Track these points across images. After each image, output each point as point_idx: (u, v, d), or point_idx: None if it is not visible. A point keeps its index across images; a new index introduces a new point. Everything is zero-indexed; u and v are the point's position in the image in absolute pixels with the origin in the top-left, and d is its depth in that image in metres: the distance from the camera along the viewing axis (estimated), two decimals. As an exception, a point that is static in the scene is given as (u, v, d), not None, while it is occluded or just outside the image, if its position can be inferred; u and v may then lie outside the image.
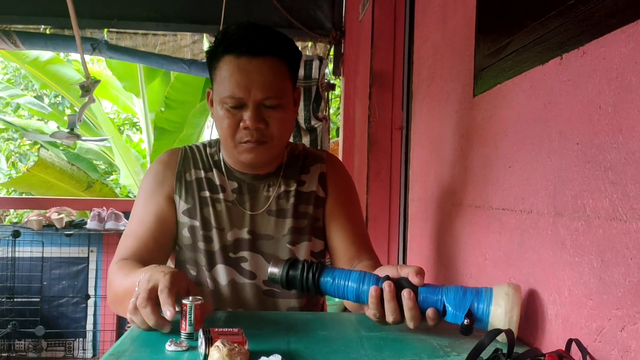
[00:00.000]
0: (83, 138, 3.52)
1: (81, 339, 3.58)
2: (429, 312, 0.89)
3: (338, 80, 3.40)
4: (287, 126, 1.20)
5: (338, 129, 3.66)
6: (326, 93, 3.09)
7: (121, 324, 3.58)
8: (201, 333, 0.79)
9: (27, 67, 5.52)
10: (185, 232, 1.23)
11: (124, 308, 1.05)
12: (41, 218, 3.41)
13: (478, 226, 1.20)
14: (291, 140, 1.35)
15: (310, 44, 3.14)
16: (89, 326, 3.58)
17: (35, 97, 7.73)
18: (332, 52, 3.21)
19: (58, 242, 3.51)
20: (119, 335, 3.50)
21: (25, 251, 3.48)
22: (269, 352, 0.78)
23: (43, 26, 2.98)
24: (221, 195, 1.24)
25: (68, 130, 2.99)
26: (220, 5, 2.71)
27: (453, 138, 1.39)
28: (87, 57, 3.00)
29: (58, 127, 6.64)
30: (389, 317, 0.90)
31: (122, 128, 8.79)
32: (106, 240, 3.58)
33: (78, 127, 3.06)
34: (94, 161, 6.81)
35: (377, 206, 2.36)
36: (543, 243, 0.90)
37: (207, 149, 1.30)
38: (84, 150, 6.35)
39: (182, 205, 1.23)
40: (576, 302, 0.80)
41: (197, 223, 1.22)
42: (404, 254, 2.13)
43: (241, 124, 1.13)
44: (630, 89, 0.69)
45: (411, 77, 1.93)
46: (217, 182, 1.25)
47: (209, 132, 5.63)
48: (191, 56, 3.10)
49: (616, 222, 0.71)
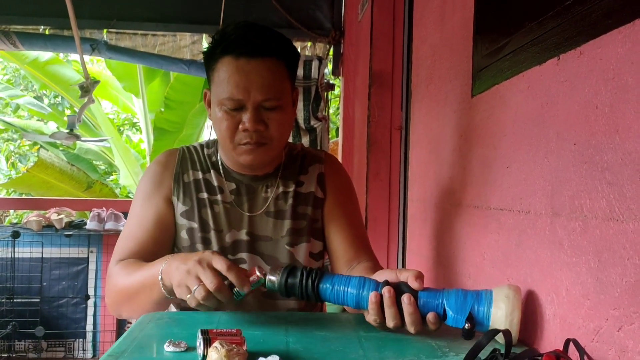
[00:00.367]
0: (83, 138, 3.52)
1: (81, 340, 3.57)
2: (430, 317, 0.89)
3: (337, 80, 3.40)
4: (286, 127, 1.19)
5: (337, 129, 3.66)
6: (325, 93, 3.10)
7: (121, 325, 3.57)
8: (199, 334, 0.79)
9: (27, 68, 5.53)
10: (183, 234, 1.22)
11: (139, 301, 1.05)
12: (41, 219, 3.41)
13: (476, 226, 1.20)
14: (290, 140, 1.34)
15: (309, 44, 3.14)
16: (89, 327, 3.57)
17: (34, 98, 7.73)
18: (332, 52, 3.21)
19: (58, 243, 3.50)
20: (119, 335, 3.50)
21: (25, 252, 3.48)
22: (268, 353, 0.78)
23: (42, 27, 2.98)
24: (219, 196, 1.23)
25: (68, 130, 2.99)
26: (219, 5, 2.71)
27: (452, 138, 1.39)
28: (87, 58, 3.00)
29: (58, 128, 6.63)
30: (390, 323, 0.90)
31: (122, 128, 8.79)
32: (106, 240, 3.58)
33: (77, 128, 3.06)
34: (94, 162, 6.81)
35: (377, 206, 2.36)
36: (541, 243, 0.90)
37: (205, 150, 1.29)
38: (84, 150, 6.35)
39: (180, 207, 1.23)
40: (574, 302, 0.80)
41: (195, 225, 1.21)
42: (403, 254, 2.13)
43: (240, 126, 1.12)
44: (626, 90, 0.69)
45: (410, 77, 1.93)
46: (215, 184, 1.24)
47: (209, 133, 5.62)
48: (190, 56, 3.10)
49: (613, 223, 0.71)
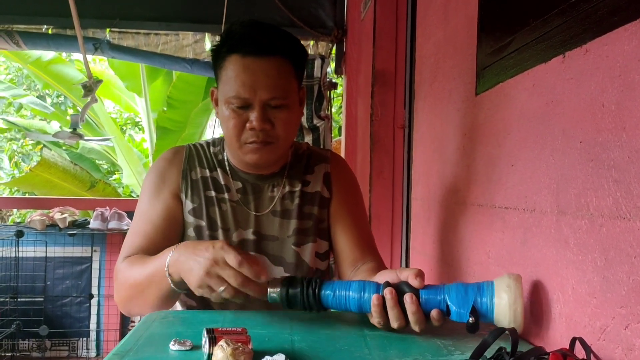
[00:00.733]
0: (85, 138, 3.51)
1: (85, 339, 3.58)
2: (433, 314, 0.88)
3: (340, 79, 3.40)
4: (293, 126, 1.19)
5: (340, 128, 3.66)
6: (328, 92, 3.09)
7: (124, 324, 3.58)
8: (205, 332, 0.79)
9: (30, 67, 5.53)
10: (190, 232, 1.21)
11: (148, 296, 1.04)
12: (44, 218, 3.42)
13: (481, 225, 1.20)
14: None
15: (312, 43, 3.14)
16: (93, 325, 3.58)
17: (37, 97, 7.73)
18: (334, 51, 3.21)
19: (61, 242, 3.51)
20: (123, 334, 3.51)
21: (28, 251, 3.49)
22: (273, 352, 0.78)
23: (45, 26, 2.98)
24: (226, 195, 1.23)
25: (71, 130, 3.00)
26: (222, 4, 2.70)
27: (455, 137, 1.39)
28: (90, 57, 3.00)
29: (61, 127, 6.65)
30: (394, 323, 0.90)
31: (125, 128, 8.80)
32: (109, 239, 3.58)
33: (80, 127, 3.06)
34: (97, 161, 6.82)
35: (380, 205, 2.36)
36: (546, 241, 0.90)
37: (211, 148, 1.28)
38: (87, 150, 6.36)
39: (188, 204, 1.22)
40: (580, 301, 0.80)
41: (204, 223, 1.21)
42: (407, 253, 2.13)
43: (247, 125, 1.12)
44: (633, 87, 0.69)
45: (413, 76, 1.92)
46: (222, 182, 1.24)
47: (212, 132, 5.62)
48: (193, 55, 3.10)
49: (620, 221, 0.71)
